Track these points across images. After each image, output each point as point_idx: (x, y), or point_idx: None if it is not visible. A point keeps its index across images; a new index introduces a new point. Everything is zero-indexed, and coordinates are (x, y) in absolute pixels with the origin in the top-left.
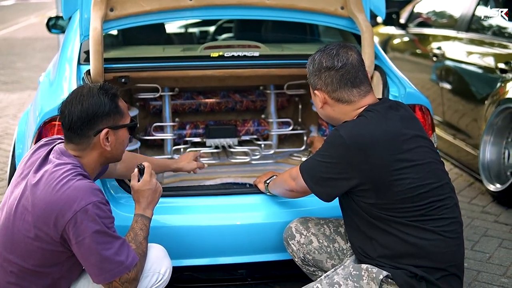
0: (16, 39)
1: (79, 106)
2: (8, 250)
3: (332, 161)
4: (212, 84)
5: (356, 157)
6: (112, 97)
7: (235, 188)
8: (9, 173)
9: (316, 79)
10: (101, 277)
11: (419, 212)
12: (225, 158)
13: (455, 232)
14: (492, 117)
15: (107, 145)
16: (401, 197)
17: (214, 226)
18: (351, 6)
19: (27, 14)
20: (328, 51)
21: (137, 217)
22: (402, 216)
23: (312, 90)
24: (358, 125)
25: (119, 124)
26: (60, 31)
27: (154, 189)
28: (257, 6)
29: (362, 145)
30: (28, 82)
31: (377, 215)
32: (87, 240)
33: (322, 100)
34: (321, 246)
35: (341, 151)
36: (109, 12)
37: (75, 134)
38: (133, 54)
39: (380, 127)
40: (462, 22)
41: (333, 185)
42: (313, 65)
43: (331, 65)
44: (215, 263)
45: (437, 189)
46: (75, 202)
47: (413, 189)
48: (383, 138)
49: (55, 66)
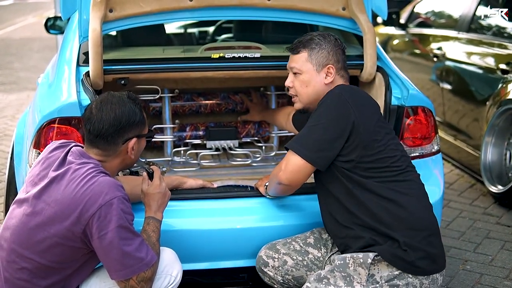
0: (14, 39)
1: (112, 114)
2: (24, 246)
3: (331, 118)
4: (213, 86)
5: (352, 109)
6: (140, 107)
7: (236, 191)
8: (7, 175)
9: (331, 55)
10: (122, 273)
11: (393, 173)
12: (225, 160)
13: (422, 196)
14: (493, 118)
15: (132, 154)
16: (379, 156)
17: (215, 230)
18: (353, 6)
19: (24, 14)
20: (332, 34)
21: (148, 220)
22: (378, 177)
23: (320, 67)
24: (348, 87)
25: (144, 134)
26: (58, 31)
27: (163, 192)
28: (257, 6)
29: (357, 96)
30: (25, 83)
31: (355, 179)
32: (109, 235)
33: (332, 76)
34: (296, 262)
35: (339, 105)
36: (109, 13)
37: (104, 141)
38: (132, 55)
39: (367, 95)
40: (463, 22)
41: (330, 146)
42: (328, 42)
43: (342, 44)
44: (216, 267)
45: (404, 156)
46: (100, 196)
47: (390, 151)
48: (368, 99)
49: (54, 68)
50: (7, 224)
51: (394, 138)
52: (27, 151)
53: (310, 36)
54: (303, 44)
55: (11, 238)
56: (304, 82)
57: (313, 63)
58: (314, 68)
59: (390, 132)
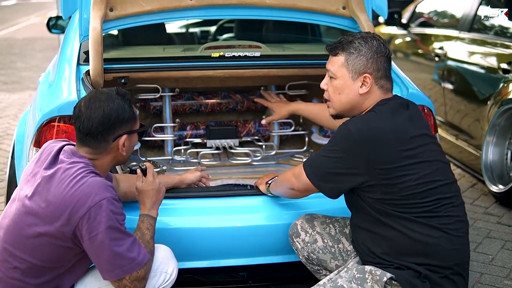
0: (16, 39)
1: (100, 112)
2: (16, 246)
3: (340, 155)
4: (213, 85)
5: (363, 151)
6: (129, 102)
7: (236, 190)
8: (8, 174)
9: (370, 62)
10: (113, 273)
11: (425, 208)
12: (226, 159)
13: (461, 231)
14: (494, 118)
15: (124, 150)
16: (407, 193)
17: (215, 228)
18: (353, 6)
19: (27, 14)
20: (377, 37)
21: (143, 217)
22: (408, 212)
23: (356, 74)
24: (367, 119)
25: (135, 129)
26: (60, 31)
27: (157, 189)
28: (258, 6)
29: (370, 138)
30: (28, 82)
31: (382, 210)
32: (100, 236)
33: (368, 86)
34: (326, 246)
35: (349, 145)
36: (109, 12)
37: (94, 139)
38: (133, 54)
39: (389, 122)
40: (464, 22)
41: (340, 180)
42: (369, 48)
43: (386, 51)
44: (216, 265)
45: (444, 187)
46: (89, 197)
47: (419, 185)
48: (390, 133)
49: (54, 67)
50: (1, 223)
51: (429, 165)
52: (28, 149)
53: (351, 38)
54: (342, 46)
55: (4, 237)
56: (338, 88)
57: (349, 70)
58: (350, 75)
59: (426, 159)
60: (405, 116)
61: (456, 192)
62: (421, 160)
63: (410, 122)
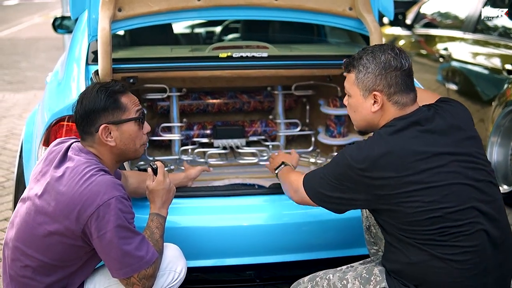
0: (20, 39)
1: (81, 104)
2: (27, 244)
3: (336, 181)
4: (220, 85)
5: (359, 178)
6: (110, 93)
7: (243, 189)
8: (16, 173)
9: (379, 79)
10: (121, 271)
11: (427, 236)
12: (232, 159)
13: (468, 263)
14: (499, 118)
15: (110, 141)
16: (408, 219)
17: (222, 227)
18: (360, 6)
19: (30, 14)
20: (390, 49)
21: (152, 216)
22: (411, 237)
23: (366, 92)
24: (365, 146)
25: (120, 119)
26: (66, 31)
27: (168, 188)
28: (265, 6)
29: (367, 166)
30: (32, 82)
31: (389, 230)
32: (108, 234)
33: (379, 103)
34: None
35: (345, 172)
36: (117, 12)
37: (81, 132)
38: (141, 54)
39: (387, 146)
40: (469, 23)
41: (339, 202)
42: (376, 64)
43: (399, 64)
44: (223, 264)
45: (453, 213)
46: (98, 196)
47: (421, 213)
48: (390, 158)
49: (63, 66)
50: (12, 222)
51: (437, 191)
52: (37, 148)
53: (362, 53)
54: (352, 64)
55: (15, 236)
56: (352, 106)
57: (360, 87)
58: (361, 93)
59: (433, 184)
60: (417, 134)
61: (473, 218)
62: (427, 185)
63: (421, 142)
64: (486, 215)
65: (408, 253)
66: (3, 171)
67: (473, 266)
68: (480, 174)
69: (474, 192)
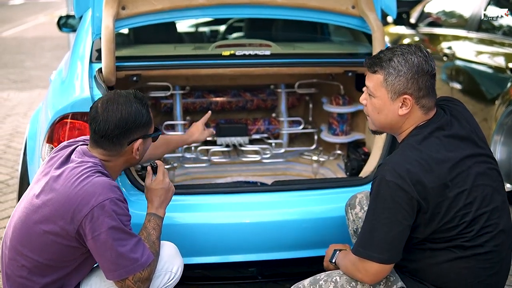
0: (25, 38)
1: (118, 115)
2: (24, 244)
3: (392, 214)
4: (223, 83)
5: (409, 195)
6: (147, 107)
7: (246, 187)
8: (20, 171)
9: (410, 83)
10: (116, 273)
11: (455, 237)
12: (235, 157)
13: (489, 262)
14: (502, 117)
15: (137, 154)
16: (441, 226)
17: (225, 224)
18: (362, 5)
19: (35, 13)
20: (419, 51)
21: (149, 216)
22: (436, 241)
23: (395, 95)
24: (401, 162)
25: (150, 134)
26: (70, 29)
27: (167, 188)
28: (268, 5)
29: (414, 168)
30: (37, 81)
31: (411, 234)
32: (102, 236)
33: (409, 107)
34: None
35: (395, 195)
36: (121, 11)
37: (108, 142)
38: (144, 52)
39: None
40: (473, 22)
41: (402, 238)
42: (409, 68)
43: (430, 68)
44: (226, 261)
45: (483, 215)
46: (93, 197)
47: (455, 218)
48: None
49: (67, 64)
50: (11, 222)
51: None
52: (40, 146)
53: (391, 54)
54: (380, 65)
55: (13, 235)
56: (376, 108)
57: (388, 90)
58: (389, 96)
59: (470, 184)
60: (442, 139)
61: (497, 219)
62: (460, 190)
63: (448, 146)
64: (503, 215)
65: (431, 254)
66: (7, 169)
67: (492, 266)
68: (494, 174)
69: (495, 192)
